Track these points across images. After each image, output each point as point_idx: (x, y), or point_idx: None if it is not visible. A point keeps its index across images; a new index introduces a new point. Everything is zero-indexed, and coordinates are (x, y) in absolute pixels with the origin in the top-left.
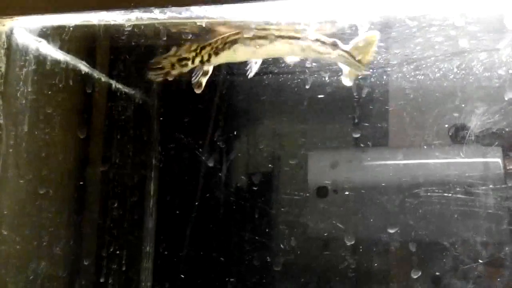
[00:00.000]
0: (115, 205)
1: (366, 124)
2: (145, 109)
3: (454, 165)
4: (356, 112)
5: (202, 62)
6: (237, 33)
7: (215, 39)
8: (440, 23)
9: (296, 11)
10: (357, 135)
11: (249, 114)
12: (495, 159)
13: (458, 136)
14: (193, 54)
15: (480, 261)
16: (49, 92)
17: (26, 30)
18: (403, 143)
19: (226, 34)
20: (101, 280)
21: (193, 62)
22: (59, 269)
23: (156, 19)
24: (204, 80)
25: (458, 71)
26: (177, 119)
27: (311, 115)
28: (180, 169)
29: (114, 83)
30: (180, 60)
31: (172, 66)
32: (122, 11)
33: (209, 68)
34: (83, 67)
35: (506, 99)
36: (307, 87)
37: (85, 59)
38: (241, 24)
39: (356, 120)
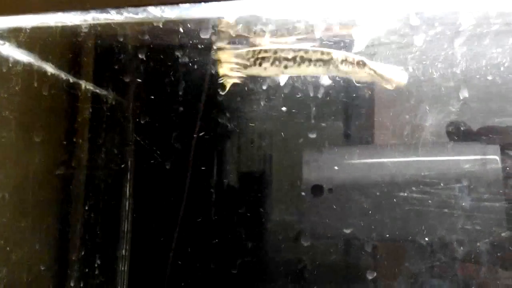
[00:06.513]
0: (86, 207)
1: (357, 123)
2: (118, 110)
3: (452, 162)
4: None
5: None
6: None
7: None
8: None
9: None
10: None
11: (240, 113)
12: (493, 156)
13: (455, 133)
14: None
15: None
16: (6, 95)
17: None
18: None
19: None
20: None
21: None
22: (23, 274)
23: (113, 19)
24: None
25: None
26: (148, 119)
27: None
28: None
29: (79, 84)
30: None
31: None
32: (79, 12)
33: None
34: (49, 67)
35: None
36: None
37: (46, 60)
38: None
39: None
